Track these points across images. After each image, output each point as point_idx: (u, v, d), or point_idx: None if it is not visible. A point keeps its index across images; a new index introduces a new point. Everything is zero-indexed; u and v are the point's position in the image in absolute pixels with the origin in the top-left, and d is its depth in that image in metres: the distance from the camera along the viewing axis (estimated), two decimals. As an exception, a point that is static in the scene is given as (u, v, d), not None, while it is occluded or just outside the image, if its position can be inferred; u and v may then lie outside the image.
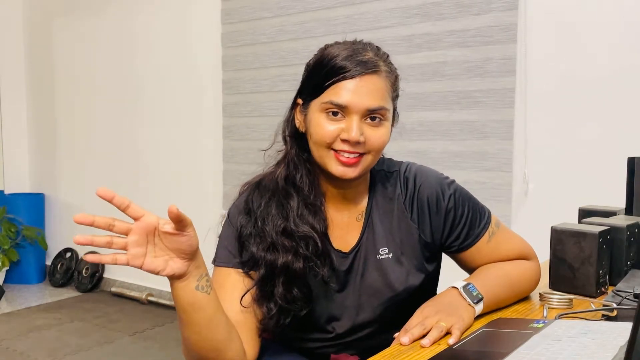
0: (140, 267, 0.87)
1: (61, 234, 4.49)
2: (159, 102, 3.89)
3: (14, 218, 4.28)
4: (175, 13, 3.75)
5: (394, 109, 1.11)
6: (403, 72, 1.16)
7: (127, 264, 0.86)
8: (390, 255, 1.14)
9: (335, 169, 1.05)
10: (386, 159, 1.21)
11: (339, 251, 1.13)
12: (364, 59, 1.05)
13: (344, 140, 1.04)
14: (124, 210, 0.85)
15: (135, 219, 0.86)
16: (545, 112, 2.50)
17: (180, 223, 0.86)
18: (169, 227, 0.87)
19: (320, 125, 1.05)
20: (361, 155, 1.05)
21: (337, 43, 1.10)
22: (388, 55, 1.11)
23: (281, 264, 1.05)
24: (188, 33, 3.70)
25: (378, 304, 1.14)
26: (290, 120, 1.14)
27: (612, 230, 1.23)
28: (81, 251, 4.37)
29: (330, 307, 1.13)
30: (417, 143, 2.77)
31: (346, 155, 1.04)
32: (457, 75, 2.67)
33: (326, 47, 1.10)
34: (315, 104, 1.06)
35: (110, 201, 0.82)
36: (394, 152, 1.24)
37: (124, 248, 0.86)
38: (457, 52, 2.66)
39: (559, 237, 1.20)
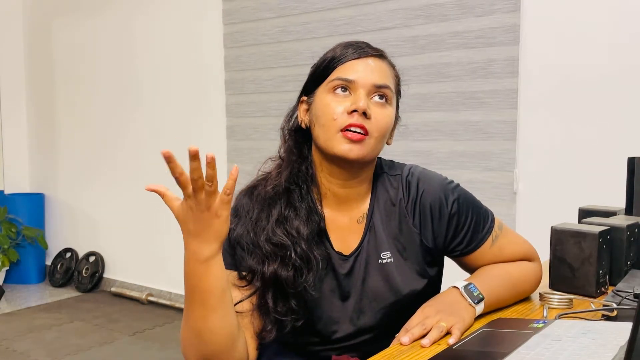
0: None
1: (61, 234, 4.49)
2: (160, 103, 3.89)
3: (14, 218, 4.28)
4: (176, 13, 3.75)
5: (397, 106, 1.12)
6: (407, 73, 1.16)
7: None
8: (392, 259, 1.12)
9: (341, 147, 1.04)
10: (388, 160, 1.20)
11: (339, 253, 1.12)
12: (368, 46, 1.10)
13: (350, 114, 1.03)
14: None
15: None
16: (546, 113, 2.50)
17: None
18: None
19: (328, 105, 1.06)
20: (365, 135, 1.04)
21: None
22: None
23: (269, 273, 1.04)
24: (189, 33, 3.70)
25: (379, 308, 1.13)
26: (291, 117, 1.15)
27: (612, 230, 1.23)
28: (81, 251, 4.39)
29: (330, 310, 1.12)
30: (422, 143, 2.78)
31: (352, 129, 1.03)
32: (460, 76, 2.68)
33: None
34: (322, 88, 1.08)
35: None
36: (399, 152, 1.24)
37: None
38: (461, 53, 2.67)
39: (559, 237, 1.20)
